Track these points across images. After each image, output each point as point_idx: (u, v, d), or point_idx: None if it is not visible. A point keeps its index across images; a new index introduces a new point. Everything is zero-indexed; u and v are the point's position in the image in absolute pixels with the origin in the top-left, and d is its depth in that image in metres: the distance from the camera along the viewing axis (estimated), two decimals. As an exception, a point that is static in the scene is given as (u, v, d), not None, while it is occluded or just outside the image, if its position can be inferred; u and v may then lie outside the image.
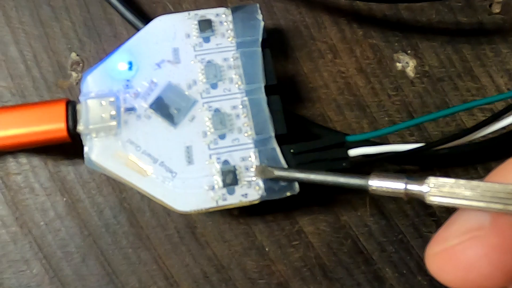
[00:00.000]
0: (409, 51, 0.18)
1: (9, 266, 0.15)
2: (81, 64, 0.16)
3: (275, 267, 0.15)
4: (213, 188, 0.13)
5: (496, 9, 0.19)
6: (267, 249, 0.15)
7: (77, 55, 0.16)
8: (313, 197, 0.16)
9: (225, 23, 0.15)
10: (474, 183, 0.10)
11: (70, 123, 0.14)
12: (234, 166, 0.13)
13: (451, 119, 0.17)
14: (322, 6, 0.18)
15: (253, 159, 0.13)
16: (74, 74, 0.16)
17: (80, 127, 0.13)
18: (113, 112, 0.14)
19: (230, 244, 0.15)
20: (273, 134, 0.14)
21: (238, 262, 0.15)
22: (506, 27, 0.19)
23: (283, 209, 0.16)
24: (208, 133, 0.14)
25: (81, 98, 0.14)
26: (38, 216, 0.15)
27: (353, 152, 0.14)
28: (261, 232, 0.15)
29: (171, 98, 0.14)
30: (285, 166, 0.13)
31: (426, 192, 0.10)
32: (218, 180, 0.13)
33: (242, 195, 0.13)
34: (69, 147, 0.15)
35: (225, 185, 0.13)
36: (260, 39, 0.15)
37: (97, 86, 0.14)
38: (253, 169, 0.13)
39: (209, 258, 0.15)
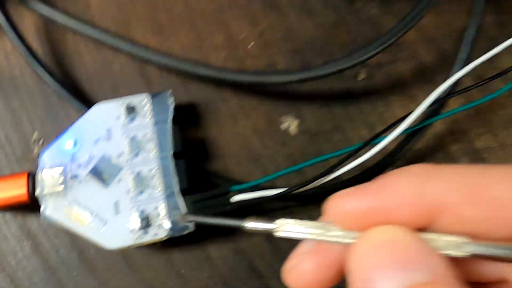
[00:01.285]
0: (292, 113, 0.23)
1: (-11, 295, 0.20)
2: (42, 140, 0.22)
3: (189, 285, 0.21)
4: (132, 231, 0.18)
5: (361, 76, 0.25)
6: (182, 271, 0.21)
7: (39, 133, 0.22)
8: (219, 230, 0.21)
9: (145, 107, 0.21)
10: (304, 222, 0.15)
11: (30, 190, 0.19)
12: (148, 214, 0.19)
13: (325, 164, 0.23)
14: (226, 84, 0.24)
15: (162, 208, 0.19)
16: (36, 149, 0.22)
17: (37, 192, 0.19)
18: (62, 179, 0.19)
19: (154, 269, 0.20)
20: (177, 189, 0.19)
21: (161, 283, 0.20)
22: (369, 89, 0.25)
23: (195, 240, 0.21)
24: (131, 190, 0.19)
25: (38, 170, 0.19)
26: (11, 257, 0.20)
27: (235, 198, 0.19)
28: (178, 259, 0.21)
29: (104, 167, 0.19)
30: (184, 212, 0.19)
31: (274, 229, 0.15)
32: (136, 224, 0.19)
33: (154, 235, 0.18)
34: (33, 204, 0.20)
35: (141, 228, 0.18)
36: (171, 118, 0.20)
37: (50, 160, 0.19)
38: (162, 215, 0.19)
39: (138, 281, 0.20)
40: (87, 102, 0.22)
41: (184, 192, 0.19)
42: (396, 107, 0.24)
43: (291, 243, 0.21)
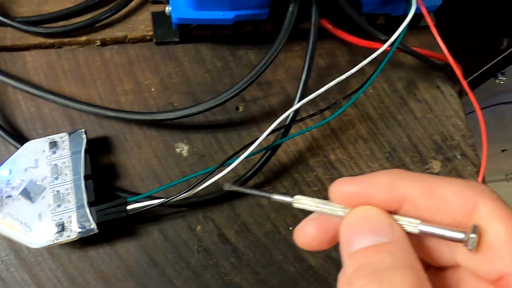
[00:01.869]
0: (184, 141, 0.31)
1: None
2: (-13, 170, 0.28)
3: (100, 274, 0.27)
4: (51, 234, 0.25)
5: (241, 109, 0.32)
6: (95, 265, 0.27)
7: (-15, 165, 0.28)
8: (123, 231, 0.28)
9: (65, 142, 0.28)
10: (314, 199, 0.19)
11: (-25, 207, 0.25)
12: (63, 222, 0.25)
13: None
14: (134, 121, 0.31)
15: (74, 217, 0.26)
16: (-17, 177, 0.28)
17: (-20, 209, 0.25)
18: (-1, 199, 0.26)
19: (74, 264, 0.27)
20: (86, 201, 0.26)
21: (81, 273, 0.27)
22: (246, 119, 0.32)
23: (104, 240, 0.28)
24: (51, 204, 0.26)
25: (-19, 193, 0.26)
26: (-38, 260, 0.26)
27: (129, 207, 0.26)
28: (92, 256, 0.27)
29: (31, 188, 0.26)
30: (91, 219, 0.25)
31: (292, 201, 0.20)
32: (54, 229, 0.25)
33: (67, 236, 0.25)
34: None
35: (58, 231, 0.25)
36: (83, 150, 0.27)
37: (-9, 185, 0.26)
38: (73, 222, 0.25)
39: (63, 272, 0.27)
40: (24, 139, 0.29)
41: (92, 203, 0.26)
42: (274, 123, 0.31)
43: (181, 238, 0.28)
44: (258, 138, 0.27)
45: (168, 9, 0.31)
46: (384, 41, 0.29)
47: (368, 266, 0.16)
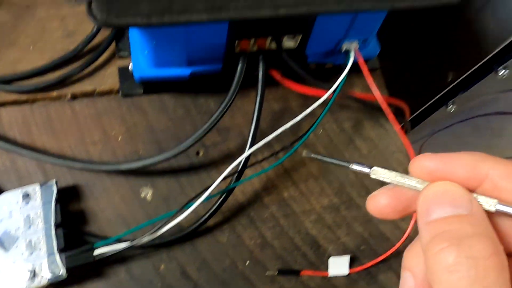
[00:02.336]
0: (148, 185, 0.33)
1: None
2: (-35, 221, 0.31)
3: (71, 315, 0.29)
4: (23, 280, 0.27)
5: (201, 154, 0.35)
6: (66, 306, 0.29)
7: (-37, 216, 0.31)
8: (92, 276, 0.30)
9: (36, 193, 0.30)
10: (392, 172, 0.20)
11: (-47, 259, 0.28)
12: (35, 268, 0.28)
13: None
14: (93, 171, 0.33)
15: (45, 264, 0.28)
16: (-39, 228, 0.30)
17: (-42, 260, 0.28)
18: (-25, 250, 0.28)
19: (46, 306, 0.29)
20: (56, 249, 0.28)
21: (51, 315, 0.29)
22: (206, 163, 0.35)
23: (74, 282, 0.30)
24: (24, 253, 0.28)
25: (-41, 245, 0.28)
26: None
27: (97, 252, 0.29)
28: (64, 297, 0.30)
29: (5, 238, 0.29)
30: (60, 265, 0.28)
31: (370, 172, 0.20)
32: (27, 276, 0.28)
33: (38, 282, 0.28)
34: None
35: (30, 278, 0.27)
36: (54, 200, 0.30)
37: (-32, 237, 0.28)
38: (44, 268, 0.28)
39: (35, 315, 0.29)
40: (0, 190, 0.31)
41: (62, 250, 0.29)
42: (227, 169, 0.34)
43: (147, 278, 0.31)
44: (212, 184, 0.30)
45: (130, 67, 0.34)
46: (328, 89, 0.33)
47: (447, 233, 0.16)
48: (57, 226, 0.29)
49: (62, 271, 0.28)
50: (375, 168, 0.20)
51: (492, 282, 0.15)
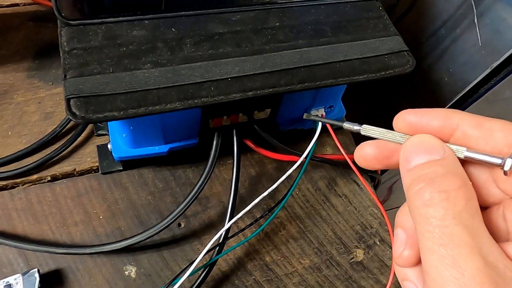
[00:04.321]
0: (132, 263, 0.34)
1: None
2: None
3: None
4: None
5: (183, 225, 0.36)
6: None
7: None
8: None
9: (18, 283, 0.30)
10: (379, 128, 0.22)
11: None
12: None
13: (158, 295, 0.33)
14: (76, 255, 0.33)
15: None
16: None
17: None
18: None
19: None
20: None
21: None
22: (188, 234, 0.36)
23: None
24: None
25: None
26: None
27: None
28: None
29: (-13, 335, 0.28)
30: None
31: (360, 129, 0.23)
32: None
33: None
34: None
35: None
36: (36, 286, 0.30)
37: None
38: None
39: None
40: (-21, 284, 0.31)
41: None
42: (208, 243, 0.35)
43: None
44: (196, 258, 0.31)
45: (109, 146, 0.35)
46: (300, 154, 0.35)
47: (424, 175, 0.19)
48: (40, 316, 0.29)
49: None
50: (364, 125, 0.23)
51: (462, 208, 0.17)
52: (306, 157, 0.35)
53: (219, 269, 0.34)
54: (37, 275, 0.30)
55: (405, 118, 0.21)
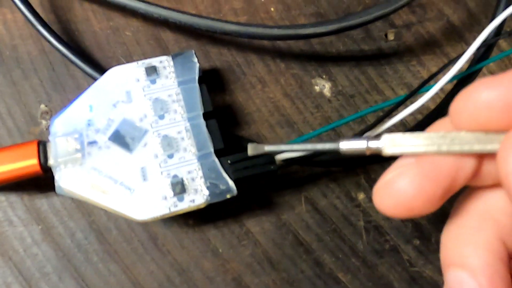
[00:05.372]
0: (324, 76, 0.22)
1: (-8, 291, 0.16)
2: (49, 113, 0.19)
3: (229, 265, 0.18)
4: (165, 198, 0.16)
5: (391, 37, 0.23)
6: (220, 250, 0.18)
7: (46, 106, 0.19)
8: (257, 202, 0.19)
9: (167, 68, 0.19)
10: (418, 134, 0.12)
11: (42, 159, 0.16)
12: (181, 178, 0.16)
13: (361, 121, 0.21)
14: (250, 47, 0.22)
15: (197, 172, 0.16)
16: (43, 122, 0.19)
17: (51, 161, 0.16)
18: (78, 146, 0.16)
19: (188, 249, 0.18)
20: (212, 149, 0.17)
21: (197, 264, 0.18)
22: (400, 50, 0.23)
23: (231, 214, 0.18)
24: (159, 154, 0.17)
25: (50, 137, 0.17)
26: (17, 244, 0.17)
27: (279, 157, 0.17)
28: (214, 236, 0.18)
29: (126, 130, 0.17)
30: (224, 174, 0.16)
31: (382, 147, 0.12)
32: (169, 191, 0.16)
33: (190, 201, 0.16)
34: (42, 183, 0.17)
35: (175, 194, 0.16)
36: (197, 77, 0.18)
37: (63, 127, 0.17)
38: (197, 179, 0.16)
39: (170, 264, 0.17)
40: (100, 70, 0.20)
41: (219, 153, 0.17)
42: (432, 66, 0.23)
43: (338, 211, 0.19)
44: (463, 53, 0.18)
45: None
46: None
47: None
48: (207, 116, 0.18)
49: (229, 183, 0.16)
50: (387, 136, 0.12)
51: None
52: None
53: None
54: (196, 59, 0.19)
55: (475, 100, 0.11)
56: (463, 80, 0.20)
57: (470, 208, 0.12)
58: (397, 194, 0.11)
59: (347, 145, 0.13)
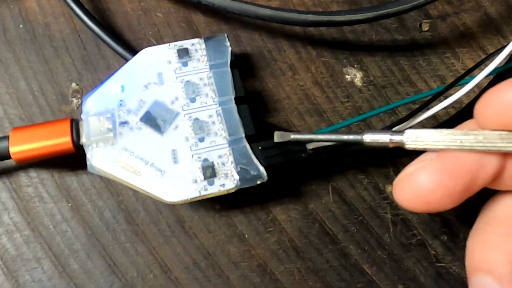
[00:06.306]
0: (355, 65, 0.21)
1: (23, 265, 0.17)
2: (80, 92, 0.19)
3: (254, 251, 0.18)
4: (196, 181, 0.16)
5: (425, 27, 0.23)
6: (246, 236, 0.18)
7: (77, 85, 0.19)
8: (284, 190, 0.19)
9: (199, 50, 0.18)
10: (441, 130, 0.12)
11: (75, 136, 0.16)
12: (212, 162, 0.16)
13: (392, 113, 0.21)
14: (281, 33, 0.21)
15: (228, 156, 0.16)
16: (74, 101, 0.19)
17: (83, 140, 0.16)
18: (110, 126, 0.16)
19: (214, 234, 0.18)
20: (243, 135, 0.17)
21: (222, 249, 0.18)
22: (434, 41, 0.22)
23: (258, 201, 0.18)
24: (190, 137, 0.17)
25: (82, 116, 0.17)
26: (47, 220, 0.17)
27: (310, 145, 0.17)
28: (241, 222, 0.18)
29: (157, 112, 0.17)
30: (255, 160, 0.16)
31: (405, 141, 0.13)
32: (199, 174, 0.16)
33: (220, 185, 0.16)
34: (72, 161, 0.18)
35: (206, 178, 0.16)
36: (229, 61, 0.18)
37: (95, 106, 0.17)
38: (228, 164, 0.16)
39: (197, 247, 0.17)
40: (131, 51, 0.20)
41: (250, 139, 0.17)
42: (466, 59, 0.22)
43: (365, 202, 0.19)
44: (502, 48, 0.17)
45: None
46: None
47: None
48: (239, 101, 0.18)
49: (260, 169, 0.16)
50: (411, 131, 0.13)
51: None
52: None
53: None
54: (228, 43, 0.19)
55: (503, 99, 0.11)
56: (500, 75, 0.19)
57: (498, 214, 0.12)
58: (416, 187, 0.11)
59: (371, 138, 0.13)
